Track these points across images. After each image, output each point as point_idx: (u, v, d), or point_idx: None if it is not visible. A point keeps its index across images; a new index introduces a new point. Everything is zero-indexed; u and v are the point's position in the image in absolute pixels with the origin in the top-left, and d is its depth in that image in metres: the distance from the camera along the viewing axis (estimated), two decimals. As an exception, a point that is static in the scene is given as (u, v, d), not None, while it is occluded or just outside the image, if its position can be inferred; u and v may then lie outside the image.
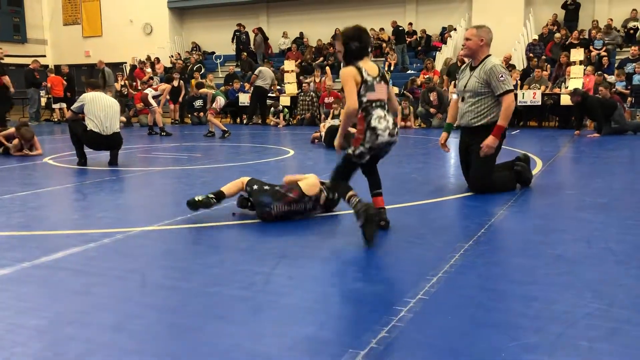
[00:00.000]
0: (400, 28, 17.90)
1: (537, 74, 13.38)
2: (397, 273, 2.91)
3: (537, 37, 16.38)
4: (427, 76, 13.93)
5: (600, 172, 6.49)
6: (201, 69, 18.92)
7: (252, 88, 15.24)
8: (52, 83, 16.73)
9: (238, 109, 16.04)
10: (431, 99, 13.13)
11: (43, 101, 17.95)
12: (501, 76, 4.81)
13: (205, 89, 13.04)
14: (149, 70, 17.93)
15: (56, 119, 17.10)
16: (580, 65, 12.99)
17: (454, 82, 5.54)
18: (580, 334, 2.17)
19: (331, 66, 17.33)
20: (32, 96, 16.60)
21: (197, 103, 15.05)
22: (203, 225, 4.02)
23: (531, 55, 15.67)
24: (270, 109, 15.17)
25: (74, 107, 7.29)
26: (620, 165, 7.21)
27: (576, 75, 12.75)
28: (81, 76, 21.99)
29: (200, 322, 2.33)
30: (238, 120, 16.17)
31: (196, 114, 15.42)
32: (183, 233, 3.86)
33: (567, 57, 13.56)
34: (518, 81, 13.53)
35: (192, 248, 3.48)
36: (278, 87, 16.09)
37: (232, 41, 20.36)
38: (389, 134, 3.58)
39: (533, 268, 2.97)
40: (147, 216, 4.39)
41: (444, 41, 17.61)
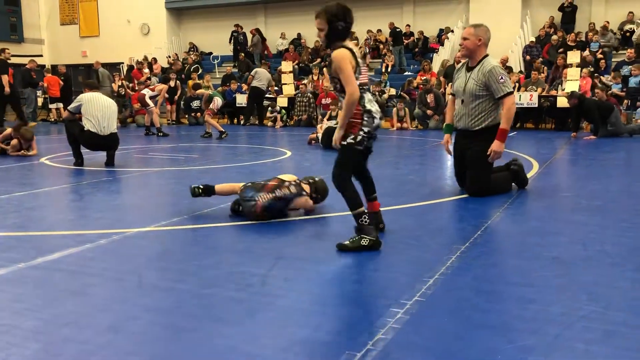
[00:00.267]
0: (397, 29, 17.94)
1: (534, 76, 13.42)
2: (394, 274, 2.92)
3: (534, 39, 16.43)
4: (425, 78, 13.95)
5: (596, 175, 6.51)
6: (198, 70, 18.92)
7: (249, 89, 15.25)
8: (49, 83, 16.71)
9: (235, 110, 16.04)
10: (428, 101, 13.16)
11: (40, 101, 17.93)
12: (501, 78, 4.77)
13: (202, 90, 13.04)
14: (147, 70, 17.92)
15: (53, 119, 17.07)
16: (576, 67, 13.03)
17: (451, 84, 5.47)
18: (576, 336, 2.18)
19: (328, 67, 17.32)
20: (29, 96, 16.57)
21: (195, 104, 15.05)
22: (200, 226, 4.02)
23: (528, 57, 15.72)
24: (267, 110, 15.18)
25: (71, 108, 7.28)
26: (616, 167, 7.23)
27: (572, 77, 12.79)
28: (78, 76, 21.95)
29: (196, 324, 2.33)
30: (235, 121, 16.18)
31: (193, 115, 15.42)
32: (180, 234, 3.86)
33: (564, 60, 13.60)
34: (516, 84, 13.56)
35: (189, 249, 3.48)
36: (275, 88, 16.10)
37: (230, 42, 20.36)
38: (380, 117, 3.53)
39: (529, 270, 2.98)
40: (144, 217, 4.38)
41: (441, 43, 17.65)
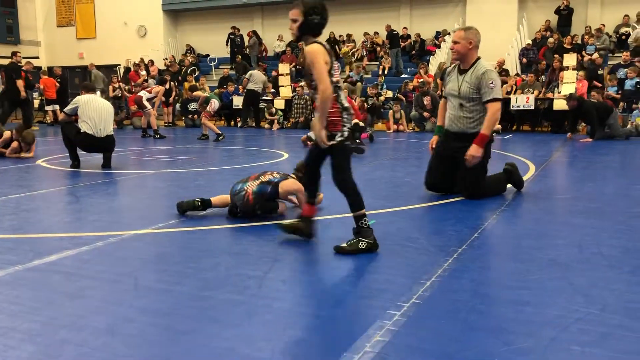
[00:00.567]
0: (394, 32, 17.97)
1: (531, 79, 13.46)
2: (391, 277, 2.92)
3: (531, 42, 16.48)
4: (421, 80, 13.98)
5: (592, 177, 6.53)
6: (195, 72, 18.92)
7: (245, 92, 15.26)
8: (45, 85, 16.67)
9: (232, 112, 16.04)
10: (425, 103, 13.18)
11: (36, 103, 17.88)
12: (491, 83, 4.78)
13: (199, 92, 13.04)
14: (143, 72, 17.91)
15: (49, 121, 17.04)
16: (573, 70, 13.08)
17: (443, 87, 5.46)
18: (572, 339, 2.18)
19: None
20: (25, 98, 16.53)
21: (192, 106, 15.04)
22: (196, 228, 4.02)
23: (525, 60, 15.76)
24: (264, 112, 15.18)
25: (67, 110, 7.26)
26: (612, 170, 7.25)
27: (569, 80, 12.83)
28: (75, 78, 21.93)
29: (193, 326, 2.33)
30: (232, 123, 16.17)
31: (190, 117, 15.40)
32: (176, 236, 3.86)
33: (560, 62, 13.65)
34: (513, 86, 13.61)
35: (186, 252, 3.48)
36: (272, 90, 16.11)
37: (227, 44, 20.36)
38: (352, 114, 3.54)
39: (525, 273, 2.99)
40: (141, 219, 4.38)
41: (438, 45, 17.68)
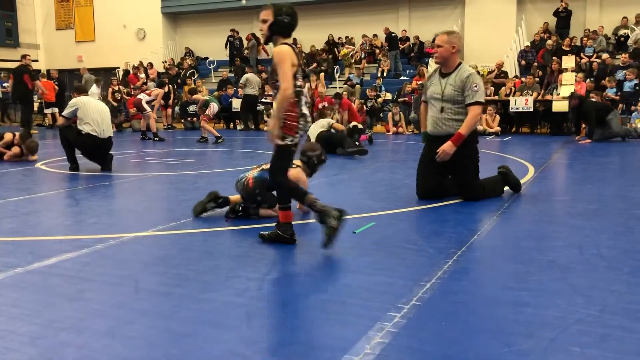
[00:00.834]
0: (393, 34, 17.99)
1: (529, 81, 13.48)
2: (391, 279, 2.92)
3: (529, 44, 16.51)
4: (420, 82, 14.00)
5: (591, 179, 6.54)
6: (194, 75, 18.92)
7: (242, 97, 15.30)
8: (44, 88, 16.65)
9: (231, 115, 16.05)
10: (424, 105, 13.19)
11: (35, 106, 17.84)
12: (475, 86, 4.81)
13: (198, 95, 13.05)
14: (142, 75, 17.91)
15: (47, 124, 17.03)
16: (571, 72, 13.10)
17: (424, 91, 5.47)
18: (572, 340, 2.19)
19: (324, 71, 17.39)
20: (29, 98, 16.51)
21: (191, 108, 15.05)
22: (196, 231, 4.02)
23: (524, 62, 15.78)
24: (262, 114, 15.21)
25: (67, 113, 7.21)
26: (611, 171, 7.26)
27: (568, 82, 12.85)
28: (74, 81, 21.91)
29: (193, 328, 2.34)
30: (231, 125, 16.18)
31: (189, 120, 15.41)
32: (176, 239, 3.86)
33: (559, 64, 13.67)
34: (512, 88, 13.62)
35: (186, 254, 3.48)
36: (272, 93, 16.11)
37: (226, 47, 20.37)
38: (309, 121, 3.59)
39: (525, 274, 3.00)
40: (141, 222, 4.38)
41: (437, 47, 17.68)
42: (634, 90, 12.38)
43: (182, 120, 15.83)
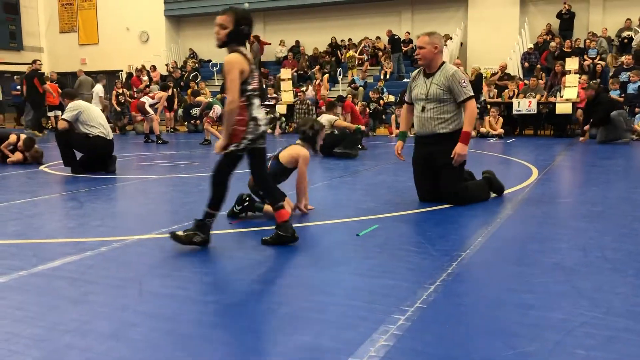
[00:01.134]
0: (395, 37, 18.00)
1: (533, 83, 13.46)
2: (395, 281, 2.92)
3: (532, 46, 16.50)
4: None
5: (595, 181, 6.53)
6: (197, 77, 18.96)
7: None
8: (52, 91, 16.67)
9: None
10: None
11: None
12: (463, 82, 4.82)
13: (201, 97, 13.07)
14: (145, 78, 17.95)
15: (51, 127, 17.07)
16: (575, 74, 13.07)
17: (407, 92, 5.47)
18: (577, 343, 2.18)
19: (327, 74, 17.40)
20: (28, 104, 16.56)
21: (194, 111, 15.07)
22: (200, 233, 4.01)
23: (527, 64, 15.76)
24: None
25: (70, 117, 7.21)
26: (615, 173, 7.24)
27: (571, 84, 12.83)
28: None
29: (197, 331, 2.34)
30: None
31: (192, 122, 15.43)
32: (180, 241, 3.85)
33: (562, 66, 13.65)
34: (515, 90, 13.60)
35: (189, 256, 3.48)
36: (274, 95, 16.14)
37: (229, 49, 20.37)
38: (265, 124, 3.62)
39: (530, 276, 2.99)
40: (144, 224, 4.38)
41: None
42: (638, 92, 12.35)
43: (185, 122, 15.85)
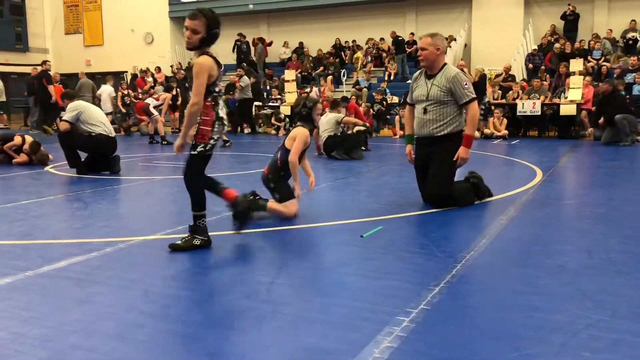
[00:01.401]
0: (399, 38, 17.99)
1: (537, 84, 13.44)
2: (399, 283, 2.92)
3: (537, 48, 16.47)
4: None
5: (600, 183, 6.51)
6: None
7: (238, 101, 15.49)
8: (56, 91, 16.72)
9: (251, 119, 16.23)
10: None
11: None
12: (465, 84, 4.77)
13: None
14: (150, 79, 17.98)
15: (56, 127, 17.13)
16: (579, 75, 13.05)
17: (409, 94, 5.45)
18: (582, 345, 2.18)
19: (332, 75, 17.41)
20: (33, 105, 16.63)
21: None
22: (205, 234, 4.02)
23: (531, 65, 15.73)
24: (267, 117, 15.38)
25: (70, 118, 7.21)
26: (619, 175, 7.23)
27: (575, 85, 12.81)
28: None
29: (202, 332, 2.34)
30: (238, 129, 16.21)
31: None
32: (185, 242, 3.86)
33: (567, 68, 13.63)
34: (519, 92, 13.59)
35: (194, 257, 3.49)
36: (278, 96, 16.17)
37: (233, 51, 20.44)
38: (227, 123, 3.71)
39: (534, 278, 2.98)
40: (149, 225, 4.40)
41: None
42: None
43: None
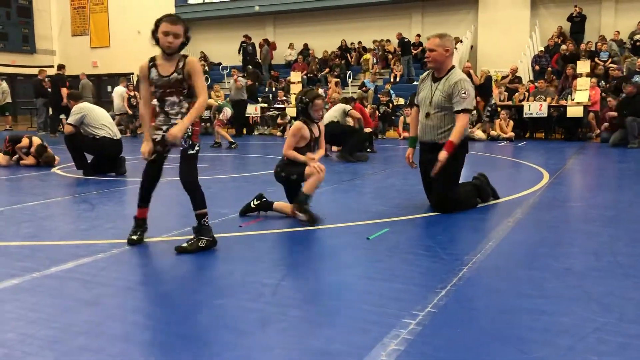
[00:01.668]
0: (405, 40, 17.99)
1: (541, 85, 13.40)
2: (405, 285, 2.92)
3: (543, 49, 16.43)
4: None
5: (607, 185, 6.48)
6: (208, 80, 19.04)
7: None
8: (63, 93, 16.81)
9: (245, 120, 16.16)
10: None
11: (50, 111, 18.02)
12: (464, 93, 4.60)
13: (211, 100, 13.12)
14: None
15: (61, 129, 17.22)
16: (586, 77, 13.00)
17: (416, 94, 5.38)
18: (590, 348, 2.17)
19: (337, 76, 17.40)
20: (40, 106, 16.73)
21: (205, 114, 15.15)
22: (211, 236, 4.03)
23: (537, 67, 15.68)
24: (269, 119, 15.48)
25: (74, 121, 7.26)
26: (627, 177, 7.19)
27: (582, 87, 12.76)
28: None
29: (208, 334, 2.35)
30: (244, 131, 16.24)
31: (203, 125, 15.51)
32: (191, 244, 3.87)
33: (573, 69, 13.58)
34: (526, 93, 13.56)
35: (201, 259, 3.49)
36: (284, 98, 16.19)
37: (239, 52, 20.49)
38: None
39: (541, 281, 2.97)
40: (156, 227, 4.40)
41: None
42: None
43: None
